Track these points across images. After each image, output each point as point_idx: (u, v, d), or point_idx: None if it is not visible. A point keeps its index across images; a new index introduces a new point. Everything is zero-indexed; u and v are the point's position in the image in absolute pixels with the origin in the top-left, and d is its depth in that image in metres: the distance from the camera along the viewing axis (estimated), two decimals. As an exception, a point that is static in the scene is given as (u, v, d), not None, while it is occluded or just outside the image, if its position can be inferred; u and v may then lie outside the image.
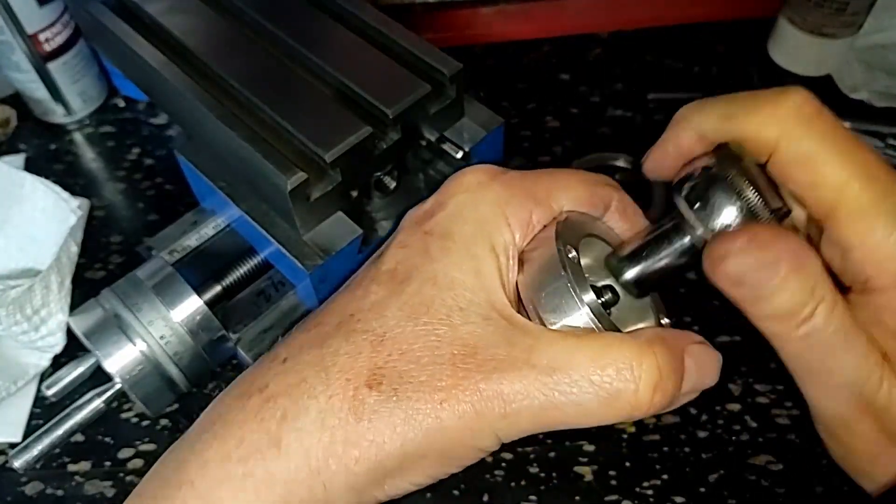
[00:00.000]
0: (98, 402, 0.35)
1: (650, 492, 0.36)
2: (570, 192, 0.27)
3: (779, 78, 0.55)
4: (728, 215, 0.24)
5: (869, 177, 0.23)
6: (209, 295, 0.37)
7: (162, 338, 0.35)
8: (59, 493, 0.37)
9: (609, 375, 0.22)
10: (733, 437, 0.38)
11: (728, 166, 0.24)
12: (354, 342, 0.24)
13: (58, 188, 0.44)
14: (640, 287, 0.27)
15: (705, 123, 0.25)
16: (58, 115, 0.53)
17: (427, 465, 0.23)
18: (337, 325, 0.25)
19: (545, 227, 0.26)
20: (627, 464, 0.37)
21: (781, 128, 0.23)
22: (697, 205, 0.25)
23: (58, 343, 0.40)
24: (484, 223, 0.25)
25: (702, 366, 0.24)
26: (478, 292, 0.24)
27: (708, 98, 0.26)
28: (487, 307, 0.24)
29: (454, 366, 0.23)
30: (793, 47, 0.54)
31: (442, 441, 0.22)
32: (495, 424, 0.22)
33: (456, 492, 0.36)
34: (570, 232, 0.26)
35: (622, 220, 0.28)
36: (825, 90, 0.54)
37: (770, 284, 0.22)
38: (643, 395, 0.22)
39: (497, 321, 0.24)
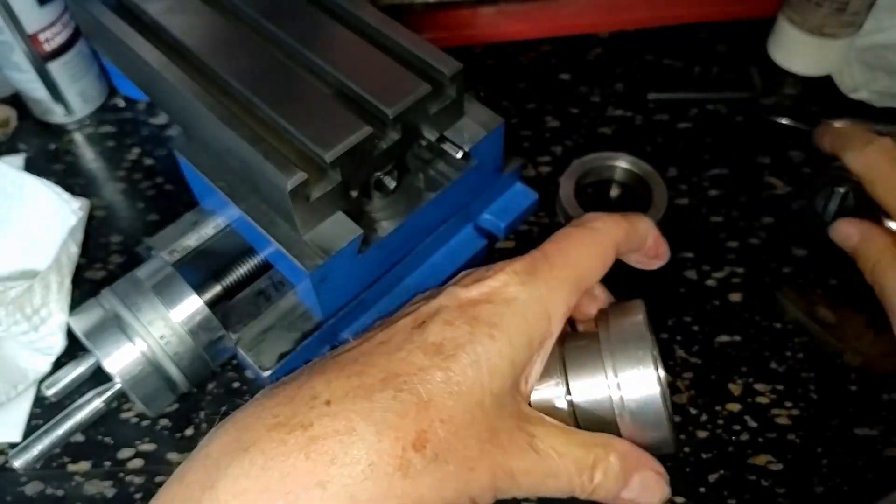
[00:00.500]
0: (98, 402, 0.35)
1: (650, 492, 0.36)
2: (600, 273, 0.32)
3: (779, 78, 0.55)
4: None
5: None
6: (209, 295, 0.38)
7: (162, 338, 0.35)
8: (59, 493, 0.37)
9: (579, 471, 0.29)
10: (733, 437, 0.38)
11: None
12: (402, 402, 0.26)
13: (59, 189, 0.44)
14: None
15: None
16: (58, 115, 0.53)
17: None
18: (382, 380, 0.27)
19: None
20: (627, 464, 0.37)
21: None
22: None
23: (58, 344, 0.40)
24: (527, 318, 0.29)
25: (645, 488, 0.30)
26: (508, 380, 0.28)
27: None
28: (511, 395, 0.29)
29: (481, 442, 0.27)
30: (793, 47, 0.54)
31: (463, 497, 0.27)
32: (500, 488, 0.27)
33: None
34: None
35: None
36: (825, 90, 0.54)
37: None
38: (589, 489, 0.29)
39: (515, 409, 0.29)
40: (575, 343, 0.32)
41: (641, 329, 0.31)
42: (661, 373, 0.30)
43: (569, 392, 0.31)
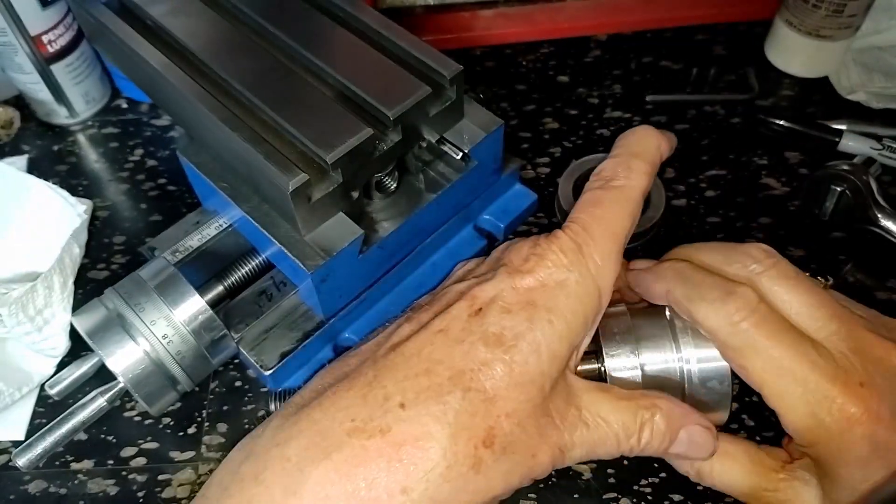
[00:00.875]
0: (101, 401, 0.35)
1: (648, 490, 0.37)
2: (632, 229, 0.32)
3: (776, 80, 0.55)
4: None
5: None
6: (211, 295, 0.38)
7: (164, 337, 0.35)
8: (62, 491, 0.38)
9: (627, 435, 0.30)
10: (730, 436, 0.38)
11: None
12: (470, 401, 0.27)
13: (63, 192, 0.45)
14: None
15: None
16: (61, 116, 0.53)
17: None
18: (450, 378, 0.27)
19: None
20: (626, 462, 0.38)
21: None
22: None
23: (61, 346, 0.41)
24: (581, 299, 0.29)
25: (693, 442, 0.30)
26: (565, 361, 0.29)
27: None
28: (566, 374, 0.30)
29: (540, 427, 0.28)
30: (790, 49, 0.54)
31: (526, 480, 0.28)
32: (555, 464, 0.29)
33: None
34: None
35: None
36: (822, 92, 0.54)
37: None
38: (637, 449, 0.30)
39: (564, 385, 0.29)
40: (626, 314, 0.33)
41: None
42: None
43: (640, 363, 0.32)
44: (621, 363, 0.32)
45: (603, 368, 0.33)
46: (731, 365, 0.31)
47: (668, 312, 0.33)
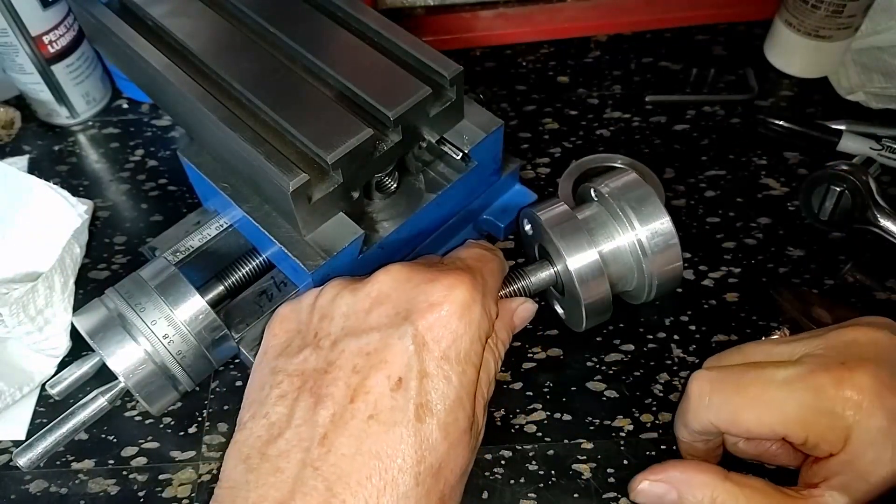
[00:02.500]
0: (102, 401, 0.36)
1: (648, 489, 0.37)
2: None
3: (775, 80, 0.55)
4: None
5: None
6: (212, 295, 0.38)
7: (165, 337, 0.35)
8: (63, 491, 0.38)
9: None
10: (730, 436, 0.38)
11: None
12: (423, 482, 0.28)
13: (64, 192, 0.45)
14: None
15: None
16: (62, 116, 0.53)
17: None
18: (400, 470, 0.27)
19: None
20: (625, 461, 0.38)
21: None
22: None
23: (62, 345, 0.41)
24: (481, 336, 0.30)
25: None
26: (477, 381, 0.30)
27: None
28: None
29: (463, 475, 0.30)
30: (789, 49, 0.55)
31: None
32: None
33: (456, 489, 0.37)
34: None
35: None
36: (821, 92, 0.54)
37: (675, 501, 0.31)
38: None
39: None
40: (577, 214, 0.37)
41: (641, 184, 0.36)
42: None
43: (598, 250, 0.35)
44: (582, 255, 0.35)
45: (561, 268, 0.36)
46: (738, 439, 0.33)
47: (594, 192, 0.37)
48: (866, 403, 0.27)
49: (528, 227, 0.39)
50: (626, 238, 0.35)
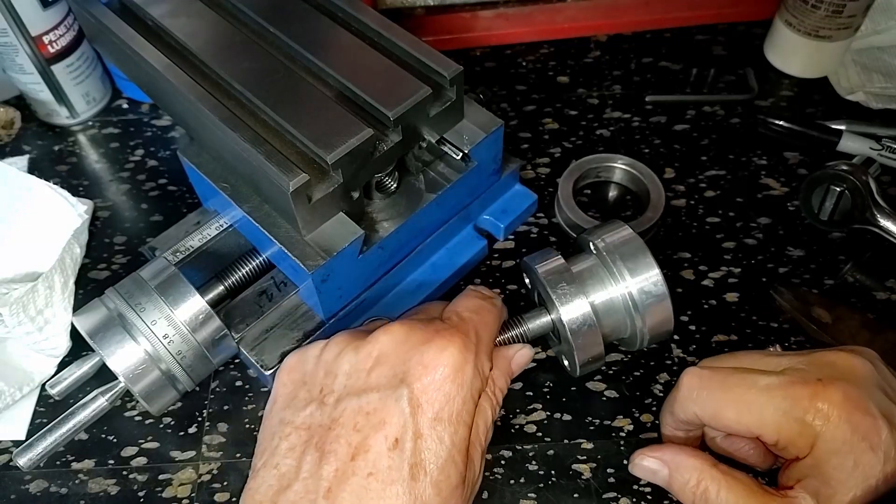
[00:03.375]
0: (102, 401, 0.36)
1: (648, 489, 0.37)
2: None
3: (775, 80, 0.55)
4: None
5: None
6: (212, 295, 0.38)
7: (165, 337, 0.35)
8: (63, 491, 0.38)
9: None
10: (730, 436, 0.38)
11: None
12: None
13: (64, 192, 0.45)
14: None
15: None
16: (62, 116, 0.53)
17: None
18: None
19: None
20: (625, 461, 0.38)
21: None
22: None
23: (62, 345, 0.41)
24: (473, 395, 0.31)
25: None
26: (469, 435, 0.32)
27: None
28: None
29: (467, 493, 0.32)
30: (789, 49, 0.55)
31: None
32: None
33: (456, 489, 0.37)
34: None
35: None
36: (821, 92, 0.54)
37: (667, 478, 0.33)
38: None
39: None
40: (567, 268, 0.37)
41: (636, 239, 0.37)
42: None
43: (589, 301, 0.36)
44: (573, 305, 0.36)
45: (556, 317, 0.36)
46: (717, 434, 0.35)
47: (599, 253, 0.37)
48: (834, 416, 0.30)
49: (526, 278, 0.41)
50: (618, 291, 0.36)
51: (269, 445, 0.31)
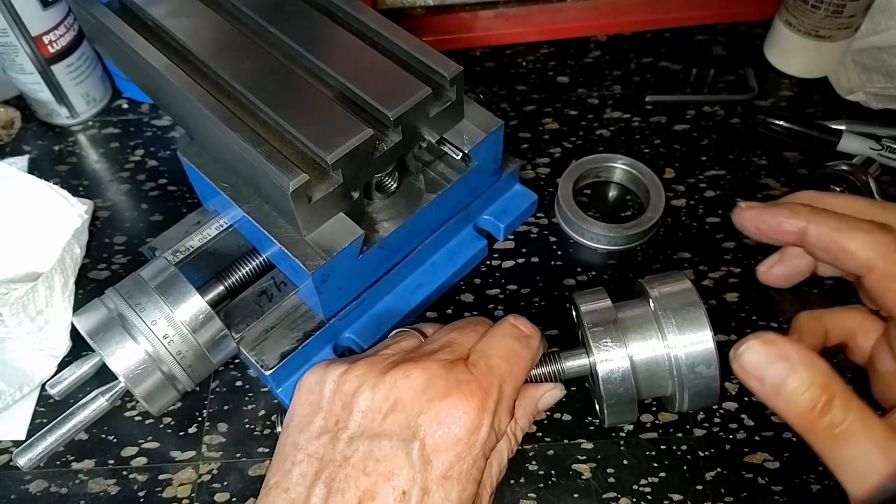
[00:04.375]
0: (102, 401, 0.36)
1: (648, 489, 0.37)
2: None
3: (775, 80, 0.55)
4: None
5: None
6: (212, 295, 0.38)
7: (165, 337, 0.35)
8: (63, 491, 0.38)
9: None
10: (730, 436, 0.38)
11: None
12: None
13: (64, 192, 0.45)
14: None
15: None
16: (62, 116, 0.53)
17: None
18: None
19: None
20: (625, 462, 0.38)
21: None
22: None
23: (62, 346, 0.41)
24: (485, 452, 0.31)
25: None
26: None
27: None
28: None
29: None
30: (789, 49, 0.55)
31: None
32: None
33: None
34: None
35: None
36: (821, 92, 0.54)
37: (785, 377, 0.27)
38: None
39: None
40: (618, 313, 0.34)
41: (692, 295, 0.33)
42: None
43: (628, 353, 0.33)
44: (610, 356, 0.33)
45: (592, 362, 0.33)
46: (885, 294, 0.31)
47: (651, 304, 0.33)
48: None
49: (574, 313, 0.37)
50: (662, 349, 0.33)
51: (281, 467, 0.31)
